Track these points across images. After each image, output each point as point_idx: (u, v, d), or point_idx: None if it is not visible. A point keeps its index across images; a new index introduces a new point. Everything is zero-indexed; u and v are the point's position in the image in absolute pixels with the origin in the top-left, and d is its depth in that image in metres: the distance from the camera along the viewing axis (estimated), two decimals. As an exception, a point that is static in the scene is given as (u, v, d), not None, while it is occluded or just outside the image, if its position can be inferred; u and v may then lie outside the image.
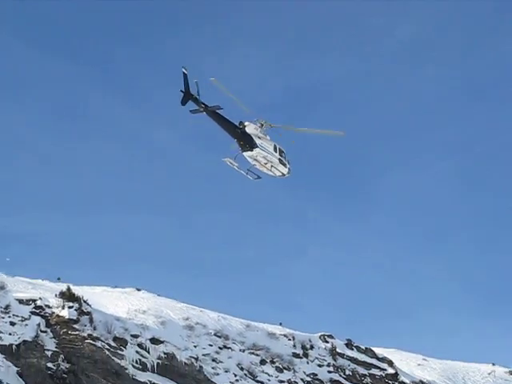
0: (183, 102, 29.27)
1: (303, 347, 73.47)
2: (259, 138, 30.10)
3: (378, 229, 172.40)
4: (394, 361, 74.38)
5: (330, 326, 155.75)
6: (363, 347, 75.77)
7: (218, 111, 29.13)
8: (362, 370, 73.10)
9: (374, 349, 75.80)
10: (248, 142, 29.63)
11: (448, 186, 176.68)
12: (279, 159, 30.92)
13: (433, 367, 73.68)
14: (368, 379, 72.45)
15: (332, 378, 71.10)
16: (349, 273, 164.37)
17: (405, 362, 75.06)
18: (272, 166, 30.90)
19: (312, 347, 73.74)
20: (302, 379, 69.53)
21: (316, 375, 70.92)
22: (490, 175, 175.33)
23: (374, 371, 73.42)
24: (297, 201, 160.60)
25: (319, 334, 75.75)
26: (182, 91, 29.22)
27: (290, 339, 73.61)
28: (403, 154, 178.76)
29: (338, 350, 74.33)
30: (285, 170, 31.51)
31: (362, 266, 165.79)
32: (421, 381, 71.20)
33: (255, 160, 30.56)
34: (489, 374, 69.35)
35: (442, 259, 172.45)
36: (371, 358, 75.04)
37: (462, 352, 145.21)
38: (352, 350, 75.44)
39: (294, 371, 69.84)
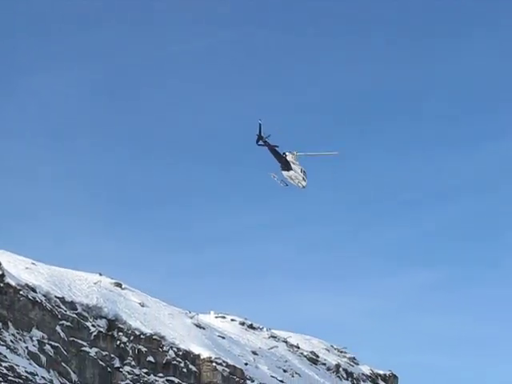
0: (257, 141, 45.49)
1: None
2: (293, 163, 46.91)
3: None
4: (1, 262, 72.98)
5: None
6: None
7: (275, 149, 46.38)
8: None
9: (-18, 248, 73.72)
10: (287, 166, 46.83)
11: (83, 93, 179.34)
12: (303, 177, 47.73)
13: (41, 272, 73.52)
14: (-28, 278, 70.36)
15: None
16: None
17: (13, 264, 73.82)
18: (298, 181, 47.76)
19: None
20: None
21: None
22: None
23: (-21, 270, 71.48)
24: None
25: None
26: (257, 134, 45.38)
27: None
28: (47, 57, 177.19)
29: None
30: (305, 184, 48.12)
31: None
32: (27, 284, 70.87)
33: (289, 176, 47.23)
34: (95, 283, 71.21)
35: (63, 161, 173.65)
36: (-21, 256, 72.97)
37: (71, 260, 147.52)
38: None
39: None
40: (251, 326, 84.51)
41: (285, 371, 74.52)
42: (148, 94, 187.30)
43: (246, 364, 68.57)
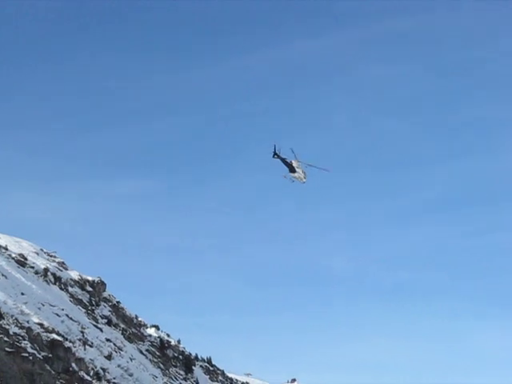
0: (273, 156, 63.56)
1: None
2: (297, 168, 65.42)
3: None
4: None
5: None
6: None
7: (286, 160, 64.58)
8: None
9: None
10: (293, 169, 65.16)
11: None
12: (303, 175, 65.99)
13: None
14: None
15: None
16: None
17: None
18: (301, 179, 65.91)
19: None
20: None
21: None
22: None
23: None
24: None
25: None
26: (273, 151, 63.50)
27: None
28: None
29: None
30: (305, 180, 66.54)
31: None
32: None
33: (294, 176, 65.55)
34: None
35: None
36: None
37: None
38: None
39: None
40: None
41: (-10, 273, 72.46)
42: None
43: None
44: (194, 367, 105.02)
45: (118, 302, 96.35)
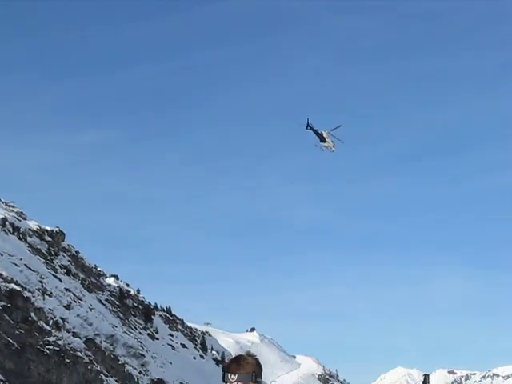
0: (306, 128, 70.22)
1: None
2: (327, 138, 71.80)
3: None
4: None
5: None
6: None
7: (317, 131, 71.04)
8: None
9: None
10: (323, 139, 71.67)
11: None
12: (333, 145, 72.60)
13: None
14: None
15: None
16: None
17: None
18: (330, 148, 72.38)
19: None
20: None
21: None
22: None
23: None
24: None
25: None
26: (306, 124, 70.19)
27: None
28: None
29: None
30: (334, 149, 72.86)
31: None
32: None
33: (325, 146, 72.30)
34: None
35: None
36: None
37: None
38: None
39: None
40: None
41: None
42: None
43: None
44: (153, 317, 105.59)
45: (77, 252, 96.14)
